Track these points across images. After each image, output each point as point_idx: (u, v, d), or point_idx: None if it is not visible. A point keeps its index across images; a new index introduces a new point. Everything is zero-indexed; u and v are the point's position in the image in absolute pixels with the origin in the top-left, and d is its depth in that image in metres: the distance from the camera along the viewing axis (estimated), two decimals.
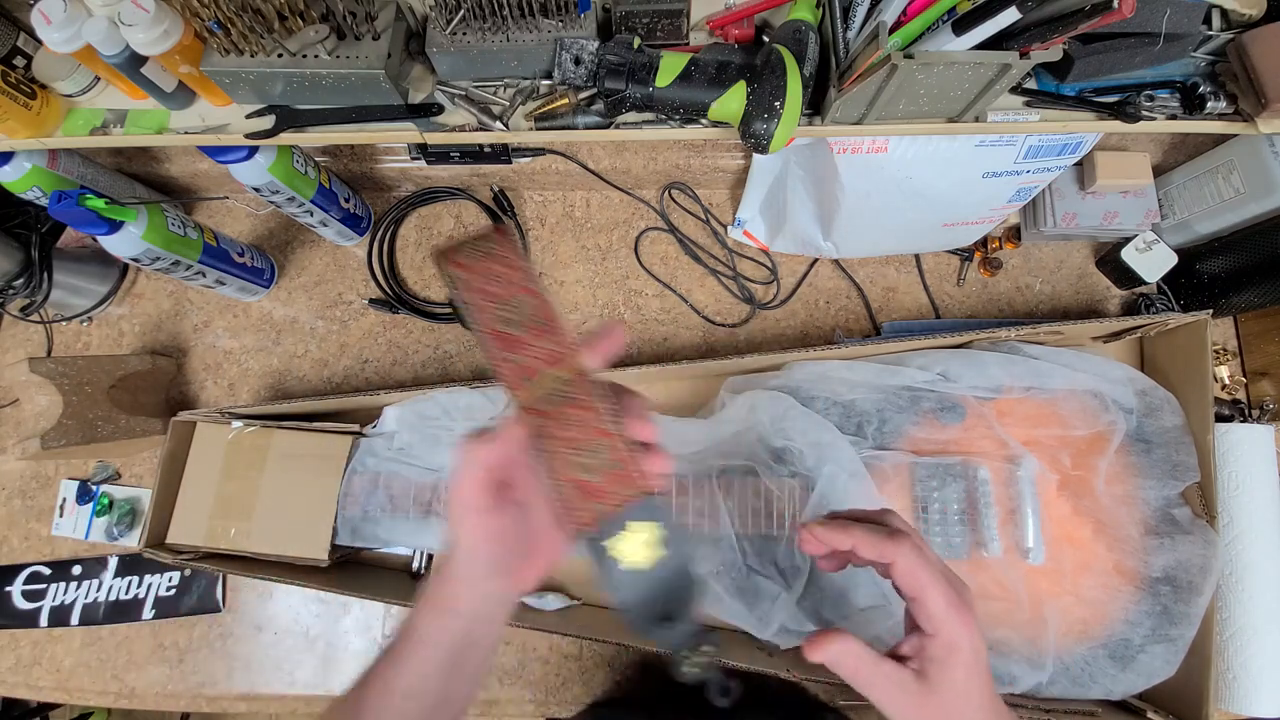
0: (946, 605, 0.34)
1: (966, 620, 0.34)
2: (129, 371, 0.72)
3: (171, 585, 0.72)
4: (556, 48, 0.50)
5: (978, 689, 0.34)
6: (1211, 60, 0.54)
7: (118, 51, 0.49)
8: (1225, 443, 0.65)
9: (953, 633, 0.34)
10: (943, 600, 0.34)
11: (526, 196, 0.83)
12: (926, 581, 0.35)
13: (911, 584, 0.35)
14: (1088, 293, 0.78)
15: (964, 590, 0.36)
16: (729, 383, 0.68)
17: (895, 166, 0.60)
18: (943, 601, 0.34)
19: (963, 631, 0.34)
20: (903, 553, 0.35)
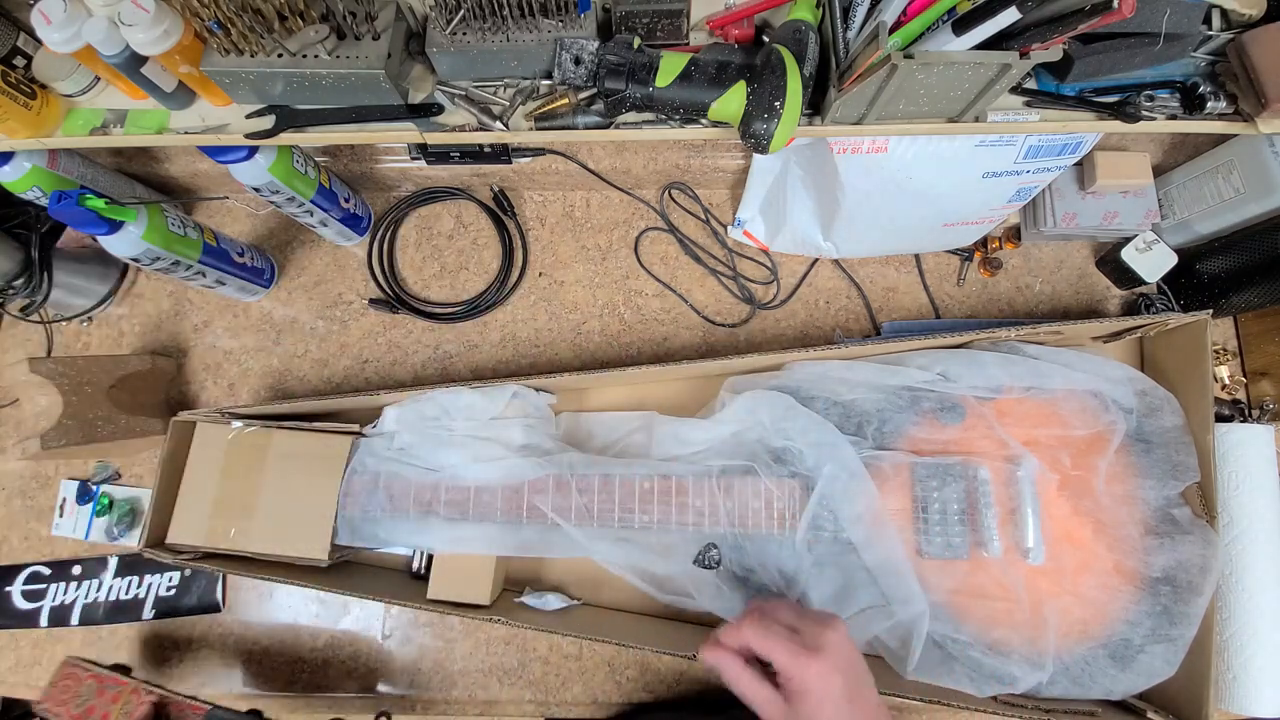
0: (789, 659, 0.44)
1: (810, 667, 0.43)
2: (129, 371, 0.72)
3: (171, 585, 0.72)
4: (556, 48, 0.50)
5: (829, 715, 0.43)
6: (1211, 60, 0.54)
7: (118, 51, 0.49)
8: (1225, 443, 0.65)
9: (799, 679, 0.43)
10: (785, 656, 0.44)
11: (526, 196, 0.83)
12: (769, 647, 0.45)
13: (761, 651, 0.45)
14: (1088, 293, 0.78)
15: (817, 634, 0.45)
16: (729, 383, 0.68)
17: (895, 166, 0.60)
18: (785, 657, 0.44)
19: (807, 676, 0.43)
20: (746, 634, 0.46)
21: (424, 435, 0.65)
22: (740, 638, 0.46)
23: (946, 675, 0.57)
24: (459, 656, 0.70)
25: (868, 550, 0.60)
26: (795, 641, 0.45)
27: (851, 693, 0.44)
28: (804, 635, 0.45)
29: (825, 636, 0.45)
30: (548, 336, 0.78)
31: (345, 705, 0.70)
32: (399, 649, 0.71)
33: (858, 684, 0.45)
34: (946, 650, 0.59)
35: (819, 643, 0.45)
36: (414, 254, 0.82)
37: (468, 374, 0.78)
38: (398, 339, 0.79)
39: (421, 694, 0.69)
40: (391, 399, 0.67)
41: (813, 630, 0.46)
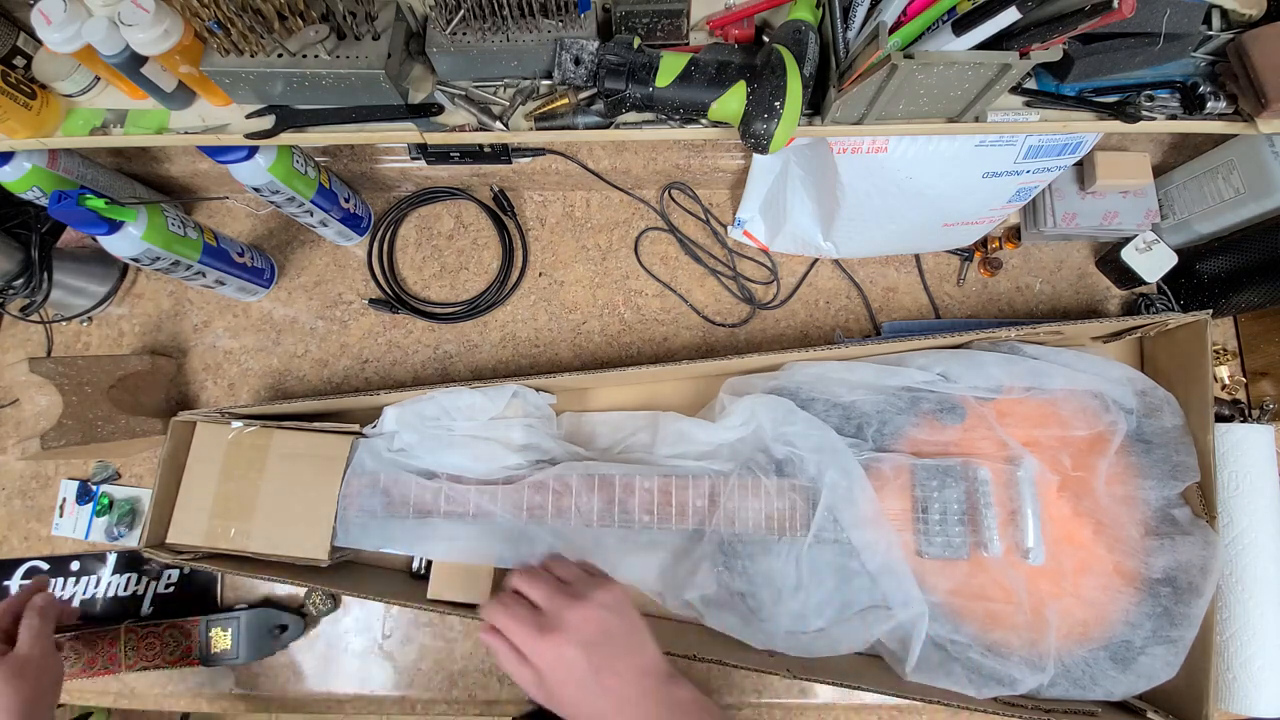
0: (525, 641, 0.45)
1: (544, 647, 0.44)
2: (129, 371, 0.72)
3: (170, 583, 0.72)
4: (556, 48, 0.50)
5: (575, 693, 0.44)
6: (1211, 60, 0.54)
7: (118, 51, 0.49)
8: (1225, 443, 0.65)
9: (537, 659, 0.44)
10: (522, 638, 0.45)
11: (526, 196, 0.83)
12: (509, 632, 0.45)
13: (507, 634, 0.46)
14: (1088, 293, 0.78)
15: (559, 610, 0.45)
16: (729, 384, 0.68)
17: (895, 166, 0.60)
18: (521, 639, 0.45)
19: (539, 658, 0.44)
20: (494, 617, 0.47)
21: (424, 435, 0.65)
22: (491, 618, 0.47)
23: (946, 677, 0.57)
24: (459, 656, 0.70)
25: (867, 553, 0.60)
26: (532, 623, 0.45)
27: (599, 665, 0.43)
28: (546, 614, 0.45)
29: (569, 611, 0.45)
30: (548, 336, 0.78)
31: (346, 706, 0.70)
32: (399, 649, 0.71)
33: (610, 656, 0.44)
34: (946, 651, 0.59)
35: (559, 621, 0.45)
36: (414, 254, 0.82)
37: (468, 374, 0.78)
38: (398, 339, 0.79)
39: (421, 694, 0.69)
40: (391, 399, 0.67)
41: (555, 606, 0.45)
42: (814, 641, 0.59)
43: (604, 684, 0.43)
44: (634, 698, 0.44)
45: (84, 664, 0.68)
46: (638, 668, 0.45)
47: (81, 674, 0.68)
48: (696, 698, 0.45)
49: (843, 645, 0.59)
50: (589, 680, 0.43)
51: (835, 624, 0.60)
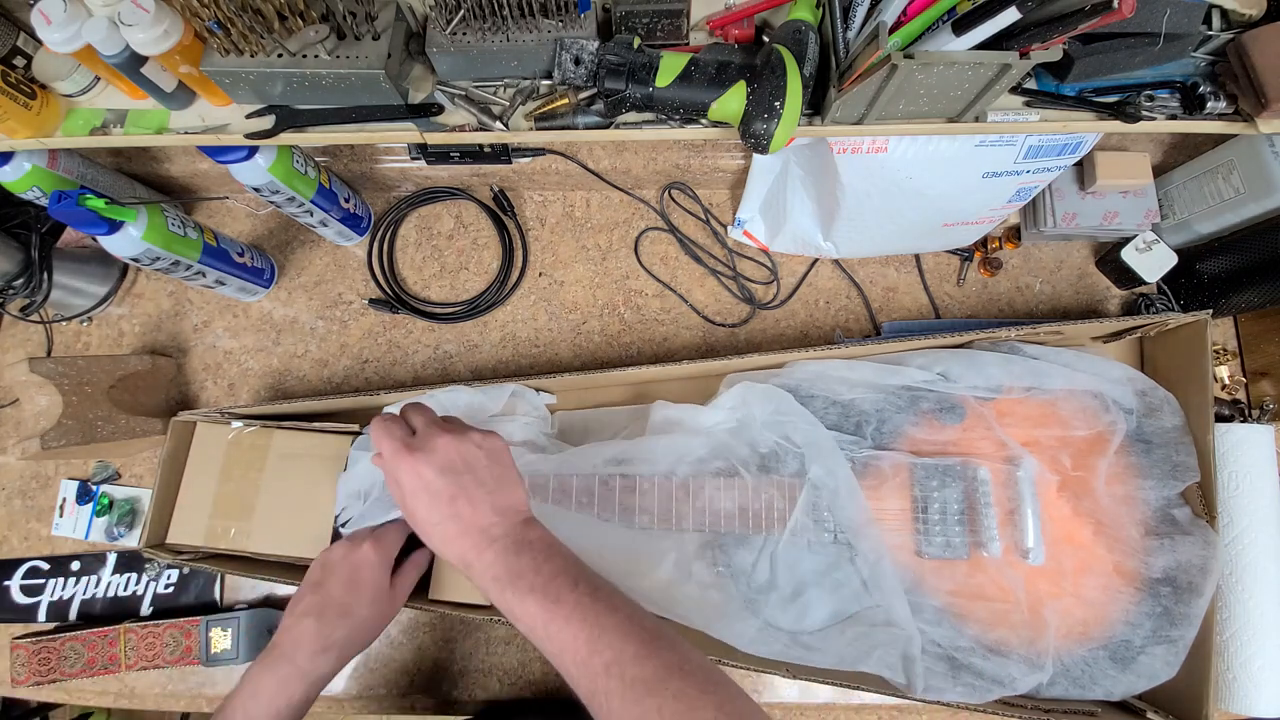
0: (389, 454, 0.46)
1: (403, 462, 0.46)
2: (129, 371, 0.72)
3: (170, 583, 0.72)
4: (556, 48, 0.50)
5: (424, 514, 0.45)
6: (1211, 60, 0.54)
7: (118, 51, 0.49)
8: (1225, 443, 0.65)
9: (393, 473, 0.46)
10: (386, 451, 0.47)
11: (526, 196, 0.83)
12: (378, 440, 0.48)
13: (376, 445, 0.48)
14: (1088, 293, 0.78)
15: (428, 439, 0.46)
16: (728, 380, 0.68)
17: (895, 166, 0.60)
18: (386, 452, 0.47)
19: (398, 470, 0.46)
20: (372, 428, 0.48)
21: None
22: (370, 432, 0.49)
23: (951, 689, 0.57)
24: (459, 656, 0.70)
25: (859, 559, 0.59)
26: (402, 440, 0.46)
27: (454, 493, 0.45)
28: (418, 436, 0.47)
29: (438, 438, 0.46)
30: (548, 336, 0.78)
31: (346, 706, 0.70)
32: (399, 649, 0.71)
33: (469, 488, 0.45)
34: (950, 659, 0.59)
35: (426, 444, 0.46)
36: (414, 254, 0.82)
37: (468, 374, 0.78)
38: (398, 339, 0.79)
39: (421, 694, 0.69)
40: (391, 399, 0.67)
41: (429, 433, 0.47)
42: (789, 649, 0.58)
43: (456, 509, 0.45)
44: (489, 530, 0.45)
45: (84, 664, 0.68)
46: (495, 504, 0.46)
47: (81, 674, 0.68)
48: (547, 536, 0.46)
49: (825, 660, 0.58)
50: (441, 505, 0.45)
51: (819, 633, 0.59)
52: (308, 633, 0.52)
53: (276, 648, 0.52)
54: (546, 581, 0.42)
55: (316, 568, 0.56)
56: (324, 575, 0.55)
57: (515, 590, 0.42)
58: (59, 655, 0.69)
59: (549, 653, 0.41)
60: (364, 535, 0.57)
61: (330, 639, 0.52)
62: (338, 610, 0.53)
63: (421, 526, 0.46)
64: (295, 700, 0.50)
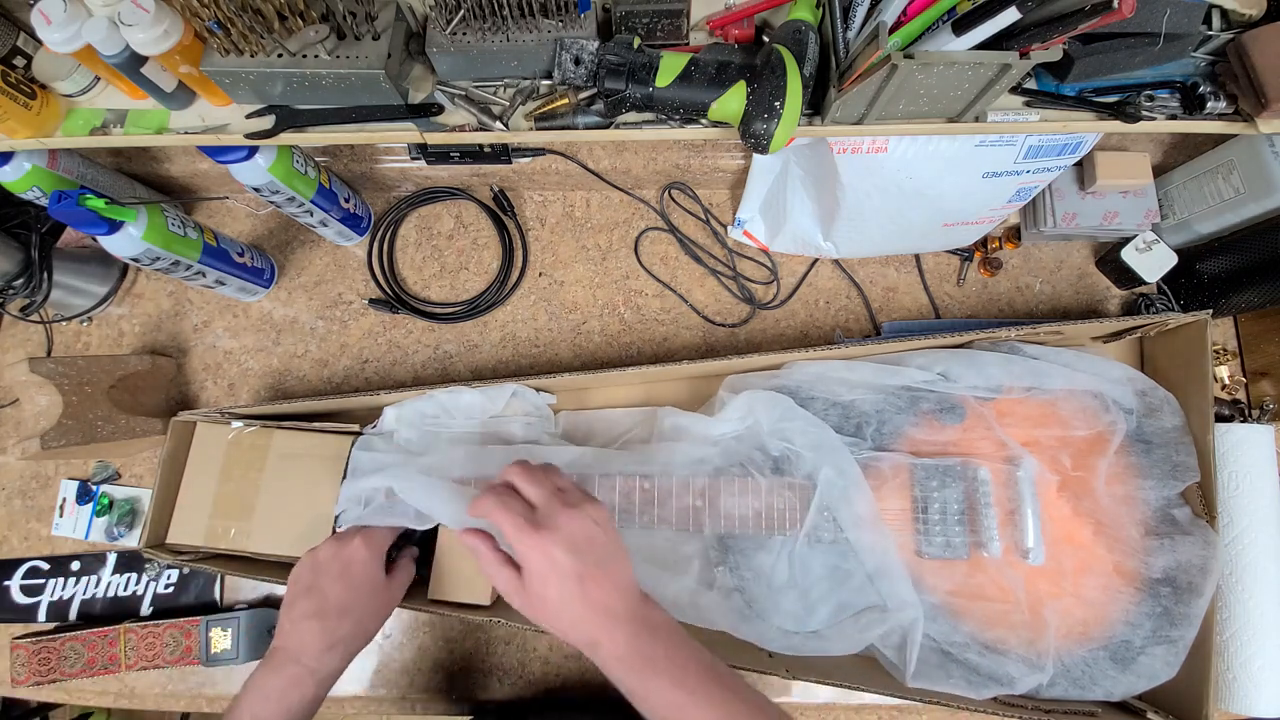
0: (515, 533, 0.44)
1: (534, 542, 0.44)
2: (129, 371, 0.72)
3: (170, 583, 0.72)
4: (556, 48, 0.50)
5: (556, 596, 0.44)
6: (1211, 60, 0.54)
7: (118, 51, 0.49)
8: (1225, 443, 0.65)
9: (522, 554, 0.45)
10: (511, 530, 0.44)
11: (526, 196, 0.83)
12: (499, 520, 0.45)
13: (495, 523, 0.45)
14: (1088, 293, 0.78)
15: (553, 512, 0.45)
16: (728, 381, 0.68)
17: (895, 166, 0.60)
18: (511, 531, 0.44)
19: (528, 552, 0.44)
20: (484, 505, 0.46)
21: (424, 434, 0.65)
22: (479, 509, 0.46)
23: (945, 680, 0.57)
24: (459, 656, 0.70)
25: (864, 554, 0.60)
26: (525, 518, 0.45)
27: (583, 573, 0.43)
28: (539, 513, 0.45)
29: (562, 515, 0.45)
30: (548, 336, 0.78)
31: (346, 706, 0.70)
32: (399, 649, 0.71)
33: (595, 566, 0.44)
34: (945, 654, 0.59)
35: (552, 521, 0.44)
36: (414, 254, 0.82)
37: (468, 374, 0.78)
38: (398, 339, 0.79)
39: (421, 694, 0.69)
40: (391, 399, 0.67)
41: (551, 508, 0.45)
42: (807, 642, 0.59)
43: (586, 592, 0.43)
44: (615, 610, 0.44)
45: (84, 664, 0.68)
46: (619, 583, 0.45)
47: (81, 674, 0.68)
48: (670, 621, 0.46)
49: (837, 647, 0.59)
50: (573, 586, 0.43)
51: (830, 626, 0.59)
52: (311, 633, 0.52)
53: (280, 651, 0.52)
54: (680, 670, 0.43)
55: (305, 570, 0.55)
56: (315, 576, 0.54)
57: (645, 675, 0.43)
58: (59, 655, 0.69)
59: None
60: (351, 532, 0.57)
61: (335, 636, 0.52)
62: (337, 608, 0.53)
63: (550, 609, 0.44)
64: (307, 698, 0.50)
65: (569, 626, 0.44)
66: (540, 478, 0.48)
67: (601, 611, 0.43)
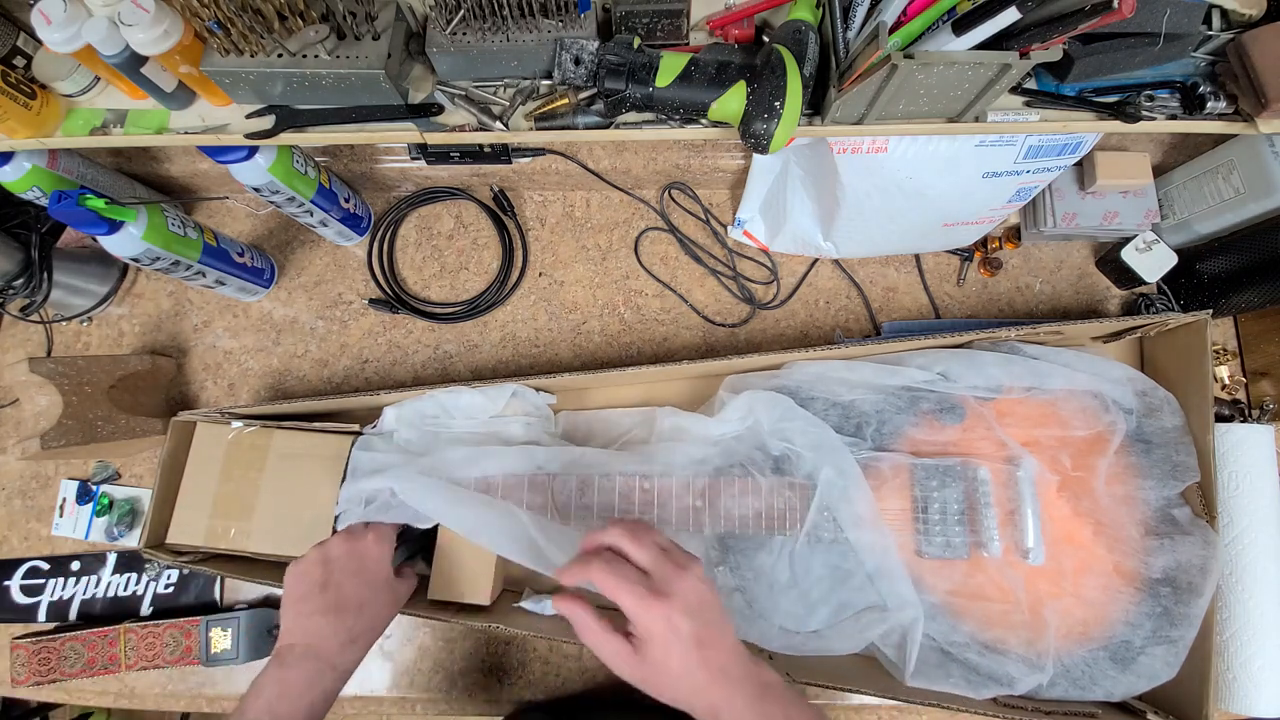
0: (634, 603, 0.42)
1: (656, 611, 0.42)
2: (129, 371, 0.72)
3: (170, 583, 0.72)
4: (556, 48, 0.50)
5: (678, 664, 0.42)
6: (1211, 60, 0.54)
7: (118, 51, 0.49)
8: (1225, 443, 0.65)
9: (645, 624, 0.42)
10: (630, 600, 0.42)
11: (526, 196, 0.83)
12: (614, 589, 0.43)
13: (609, 593, 0.43)
14: (1088, 293, 0.78)
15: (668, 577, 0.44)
16: (728, 381, 0.68)
17: (895, 166, 0.60)
18: (630, 601, 0.42)
19: (654, 621, 0.42)
20: (594, 574, 0.44)
21: (424, 434, 0.65)
22: (587, 577, 0.44)
23: (944, 679, 0.57)
24: (459, 656, 0.70)
25: (864, 553, 0.60)
26: (643, 585, 0.43)
27: (701, 637, 0.42)
28: (654, 578, 0.44)
29: (676, 580, 0.44)
30: (548, 336, 0.78)
31: (346, 706, 0.70)
32: (399, 649, 0.71)
33: (709, 628, 0.43)
34: (945, 653, 0.59)
35: (669, 587, 0.43)
36: (414, 254, 0.82)
37: (468, 374, 0.78)
38: (398, 339, 0.79)
39: (421, 694, 0.69)
40: (391, 399, 0.67)
41: (664, 572, 0.44)
42: (807, 642, 0.59)
43: (705, 657, 0.42)
44: (731, 672, 0.43)
45: (84, 664, 0.68)
46: (731, 645, 0.44)
47: (81, 674, 0.68)
48: (778, 678, 0.45)
49: (837, 647, 0.59)
50: (693, 652, 0.42)
51: (831, 626, 0.60)
52: (330, 628, 0.51)
53: (295, 648, 0.51)
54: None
55: (315, 566, 0.54)
56: (328, 572, 0.54)
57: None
58: (59, 655, 0.69)
59: None
60: (361, 528, 0.57)
61: (354, 630, 0.52)
62: (354, 603, 0.53)
63: (671, 678, 0.43)
64: (330, 693, 0.50)
65: (690, 694, 0.43)
66: (645, 538, 0.46)
67: (721, 676, 0.42)
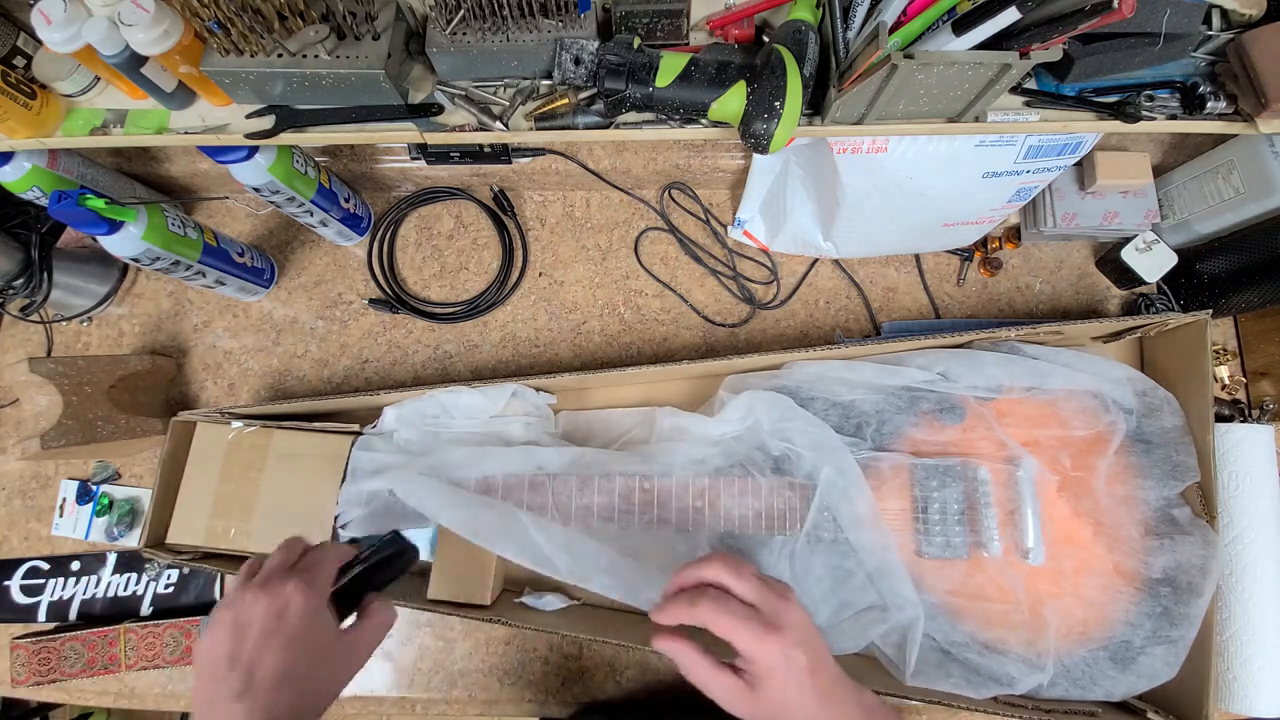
0: (752, 640, 0.41)
1: (774, 646, 0.41)
2: (129, 371, 0.72)
3: (170, 583, 0.72)
4: (556, 48, 0.50)
5: (795, 696, 0.41)
6: (1211, 60, 0.54)
7: (118, 51, 0.49)
8: (1225, 443, 0.65)
9: (764, 660, 0.41)
10: (748, 637, 0.41)
11: (526, 196, 0.83)
12: (729, 628, 0.42)
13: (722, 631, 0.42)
14: (1088, 293, 0.78)
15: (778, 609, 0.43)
16: (728, 381, 0.68)
17: (895, 166, 0.60)
18: (748, 639, 0.41)
19: (772, 657, 0.41)
20: (704, 614, 0.42)
21: (424, 434, 0.65)
22: (695, 617, 0.43)
23: (944, 679, 0.57)
24: (459, 656, 0.70)
25: (864, 553, 0.60)
26: (756, 620, 0.42)
27: (814, 665, 0.42)
28: (763, 612, 0.43)
29: (785, 611, 0.43)
30: (548, 336, 0.78)
31: (345, 706, 0.70)
32: (399, 649, 0.71)
33: (817, 655, 0.43)
34: (945, 653, 0.59)
35: (780, 620, 0.42)
36: (414, 254, 0.82)
37: (468, 374, 0.78)
38: (398, 339, 0.79)
39: (421, 694, 0.69)
40: (391, 399, 0.67)
41: (772, 605, 0.43)
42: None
43: (817, 685, 0.42)
44: (839, 696, 0.43)
45: (84, 664, 0.68)
46: (834, 670, 0.43)
47: (81, 674, 0.68)
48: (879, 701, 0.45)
49: (837, 646, 0.59)
50: (808, 682, 0.41)
51: (831, 625, 0.60)
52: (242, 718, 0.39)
53: None
54: None
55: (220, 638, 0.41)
56: (238, 643, 0.40)
57: None
58: (59, 655, 0.69)
59: None
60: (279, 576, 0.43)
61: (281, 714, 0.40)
62: (276, 678, 0.40)
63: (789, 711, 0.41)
64: None
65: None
66: (745, 571, 0.45)
67: (832, 703, 0.42)
